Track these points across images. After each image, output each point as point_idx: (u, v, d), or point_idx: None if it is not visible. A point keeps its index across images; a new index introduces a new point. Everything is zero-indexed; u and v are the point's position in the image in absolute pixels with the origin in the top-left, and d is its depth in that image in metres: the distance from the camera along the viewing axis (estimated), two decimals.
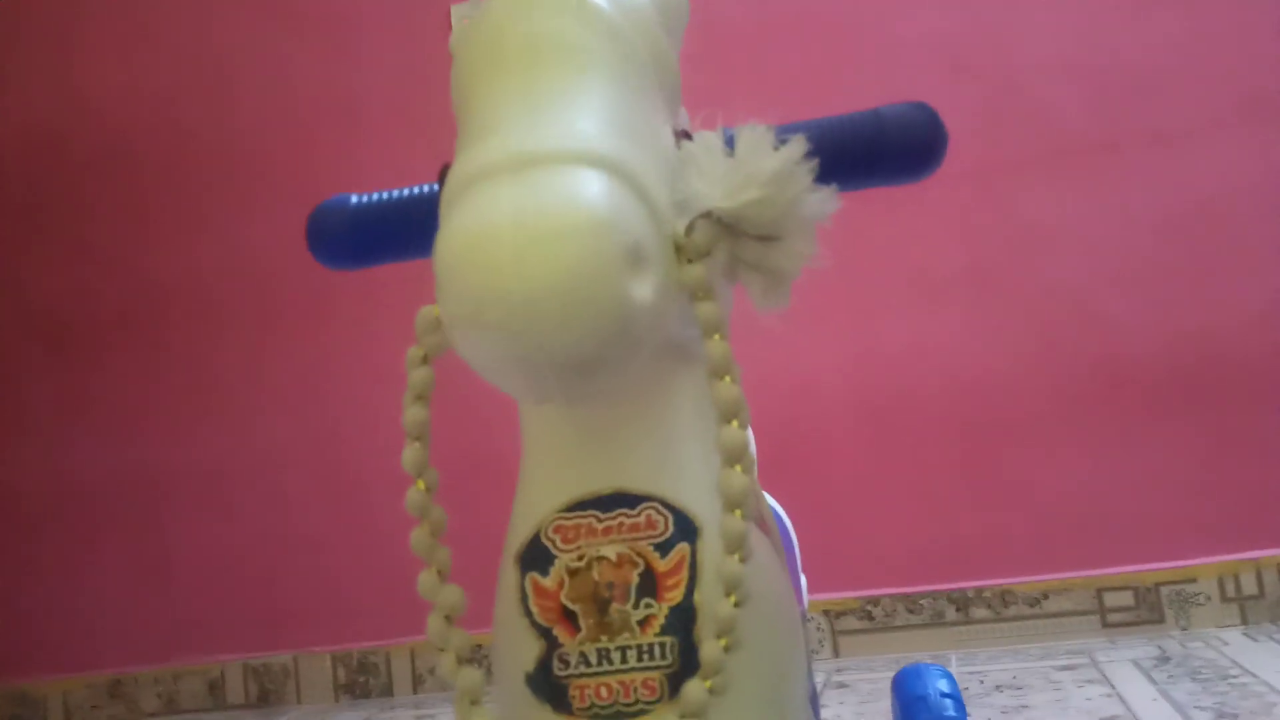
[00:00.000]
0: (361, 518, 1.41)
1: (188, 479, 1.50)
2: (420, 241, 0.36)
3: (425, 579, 0.27)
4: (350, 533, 1.42)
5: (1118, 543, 1.19)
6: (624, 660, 0.24)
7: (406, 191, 0.38)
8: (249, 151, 1.50)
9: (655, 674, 0.24)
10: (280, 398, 1.48)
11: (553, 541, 0.26)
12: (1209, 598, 1.16)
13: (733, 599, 0.24)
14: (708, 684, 0.23)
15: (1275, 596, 1.14)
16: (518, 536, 0.27)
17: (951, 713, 0.46)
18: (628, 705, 0.23)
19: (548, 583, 0.25)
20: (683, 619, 0.24)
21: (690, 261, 0.26)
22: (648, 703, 0.23)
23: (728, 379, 0.25)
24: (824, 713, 0.98)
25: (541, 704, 0.24)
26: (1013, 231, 1.25)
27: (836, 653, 1.25)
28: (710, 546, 0.25)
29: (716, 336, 0.26)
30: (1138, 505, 1.19)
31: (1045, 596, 1.20)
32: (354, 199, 0.39)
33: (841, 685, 1.11)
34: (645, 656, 0.24)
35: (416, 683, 1.38)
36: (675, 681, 0.24)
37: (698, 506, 0.26)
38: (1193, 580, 1.17)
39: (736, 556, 0.24)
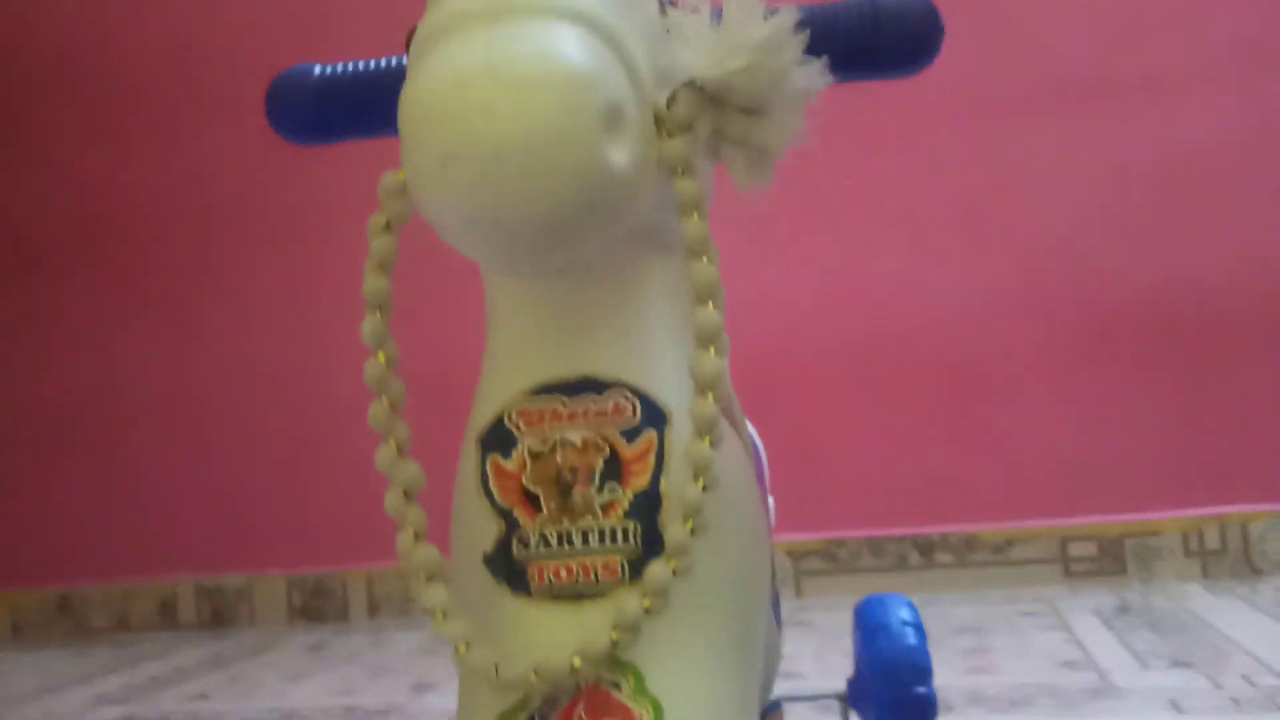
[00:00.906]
0: (323, 441, 1.39)
1: (150, 398, 1.47)
2: (391, 114, 0.34)
3: (376, 409, 0.26)
4: (311, 455, 1.40)
5: (1085, 493, 1.19)
6: (585, 543, 0.23)
7: (375, 63, 0.36)
8: (222, 61, 1.45)
9: (616, 557, 0.23)
10: (244, 319, 1.44)
11: (516, 425, 0.25)
12: (1172, 551, 1.16)
13: (701, 483, 0.23)
14: (672, 565, 0.22)
15: (1237, 552, 1.15)
16: (480, 418, 0.26)
17: (912, 641, 0.45)
18: (588, 586, 0.23)
19: (509, 465, 0.25)
20: (647, 505, 0.24)
21: (671, 135, 0.25)
22: (608, 583, 0.23)
23: (705, 259, 0.24)
24: (783, 648, 0.97)
25: (499, 584, 0.23)
26: (1003, 173, 1.23)
27: (799, 593, 1.25)
28: (679, 434, 0.25)
29: (695, 215, 0.25)
30: (1107, 456, 1.19)
31: (1010, 544, 1.20)
32: (317, 69, 0.37)
33: (803, 624, 1.10)
34: (607, 539, 0.23)
35: (373, 609, 1.36)
36: (636, 566, 0.23)
37: (667, 395, 0.25)
38: (1157, 533, 1.17)
39: (706, 441, 0.23)
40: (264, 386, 1.42)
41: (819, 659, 0.94)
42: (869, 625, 0.46)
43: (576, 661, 0.22)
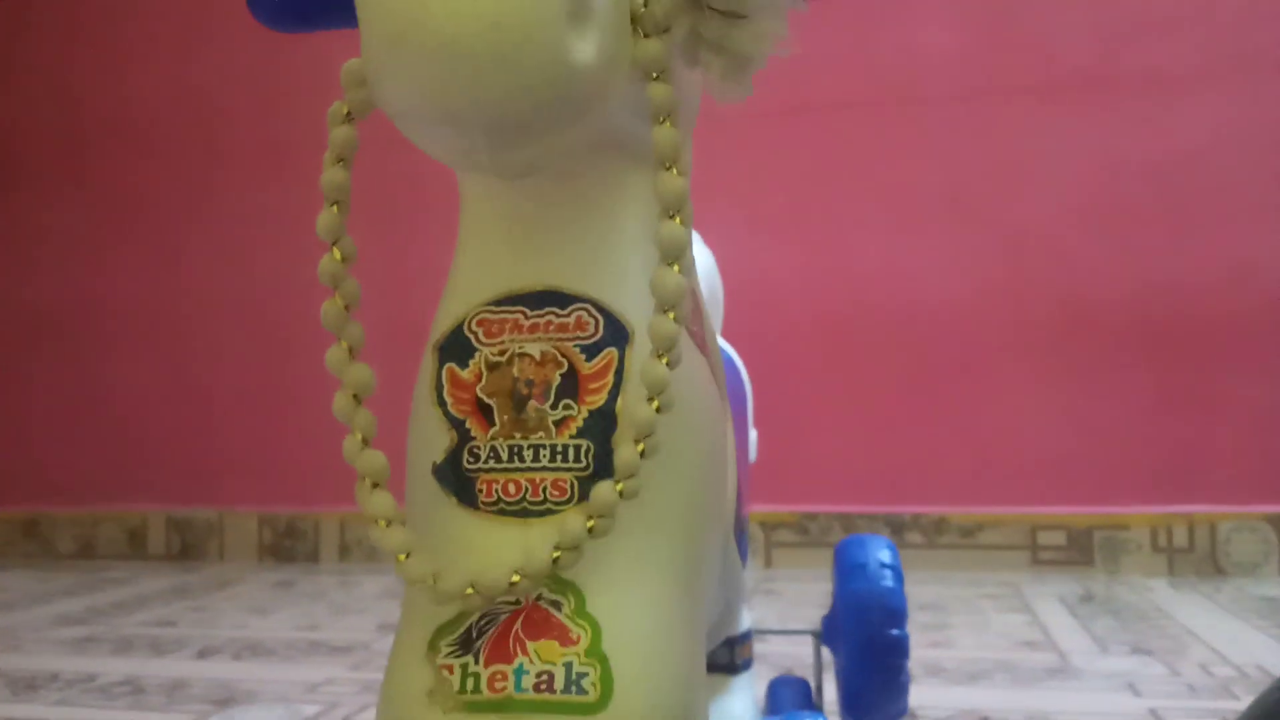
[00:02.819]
0: (304, 380, 1.38)
1: (123, 321, 1.45)
2: None
3: (328, 307, 0.25)
4: (288, 395, 1.39)
5: (1056, 483, 1.20)
6: (536, 459, 0.23)
7: None
8: None
9: (567, 475, 0.22)
10: (226, 247, 1.43)
11: (475, 334, 0.24)
12: (1139, 546, 1.17)
13: (655, 404, 0.22)
14: (619, 487, 0.22)
15: (1204, 551, 1.16)
16: (439, 327, 0.25)
17: (889, 583, 0.45)
18: (535, 504, 0.22)
19: (465, 374, 0.24)
20: (602, 424, 0.23)
21: (647, 36, 0.23)
22: (556, 503, 0.22)
23: (674, 169, 0.23)
24: (749, 615, 0.98)
25: (447, 495, 0.23)
26: (994, 161, 1.23)
27: (769, 563, 1.25)
28: (641, 354, 0.24)
29: (667, 122, 0.23)
30: (1081, 448, 1.19)
31: (979, 528, 1.21)
32: None
33: (770, 593, 1.11)
34: (559, 457, 0.22)
35: (343, 553, 1.36)
36: (586, 486, 0.22)
37: (633, 314, 0.24)
38: (1125, 528, 1.18)
39: (664, 360, 0.22)
40: (249, 319, 1.42)
41: (782, 625, 0.95)
42: (847, 564, 0.46)
43: (515, 578, 0.21)
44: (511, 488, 0.22)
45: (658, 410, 0.22)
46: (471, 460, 0.23)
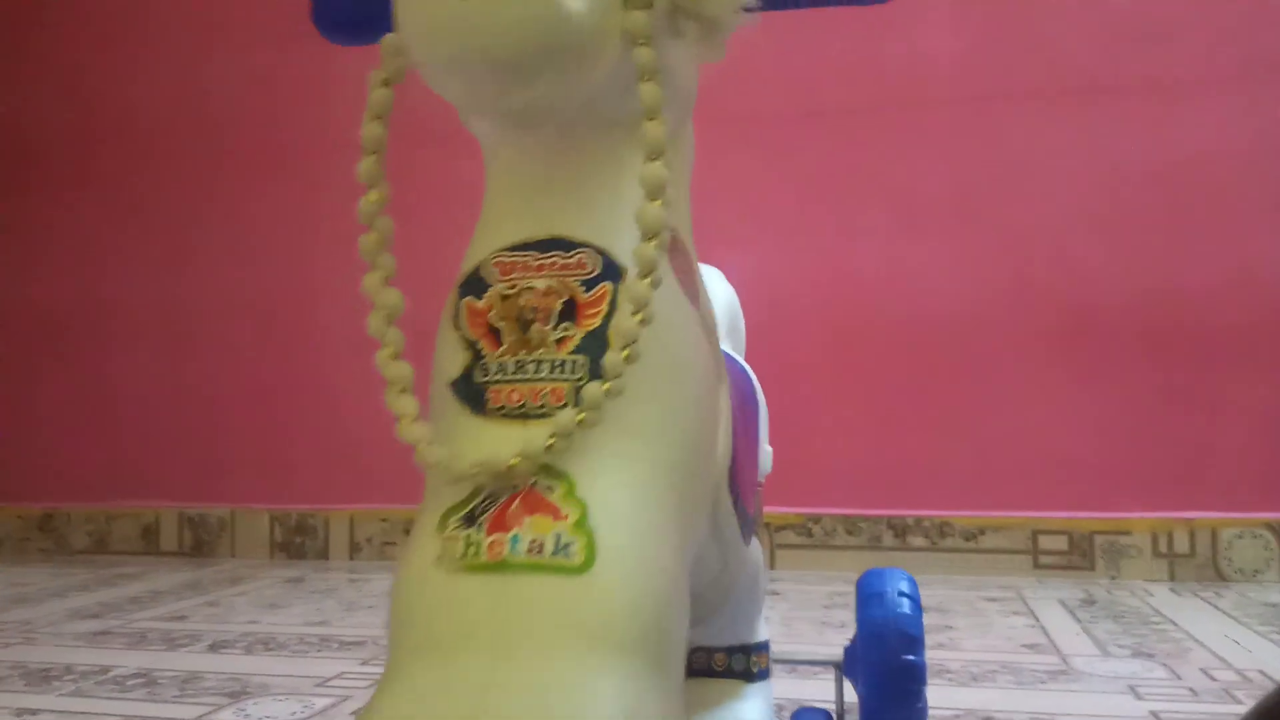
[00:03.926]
0: (311, 379, 1.40)
1: (137, 321, 1.47)
2: None
3: (365, 240, 0.29)
4: (298, 394, 1.41)
5: (1058, 488, 1.21)
6: (537, 371, 0.26)
7: None
8: None
9: (564, 385, 0.26)
10: (234, 247, 1.45)
11: (491, 274, 0.28)
12: (1140, 551, 1.18)
13: (638, 316, 0.26)
14: (606, 386, 0.25)
15: (1205, 558, 1.17)
16: (463, 270, 0.30)
17: (905, 610, 0.46)
18: (536, 408, 0.26)
19: (480, 304, 0.28)
20: (596, 343, 0.26)
21: (631, 8, 0.27)
22: (554, 407, 0.26)
23: (656, 121, 0.27)
24: (767, 628, 0.99)
25: (462, 406, 0.26)
26: (1000, 165, 1.24)
27: (773, 564, 1.26)
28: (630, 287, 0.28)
29: (651, 81, 0.27)
30: (1083, 452, 1.20)
31: (982, 532, 1.22)
32: None
33: (774, 593, 1.12)
34: (557, 370, 0.26)
35: (353, 550, 1.38)
36: (578, 395, 0.26)
37: (626, 258, 0.28)
38: (1127, 533, 1.19)
39: (646, 280, 0.26)
40: (257, 318, 1.43)
41: (787, 625, 0.96)
42: (866, 594, 0.47)
43: (515, 460, 0.24)
44: (515, 396, 0.26)
45: (640, 323, 0.26)
46: (482, 375, 0.26)
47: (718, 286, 0.49)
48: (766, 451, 0.49)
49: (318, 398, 1.39)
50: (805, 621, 0.97)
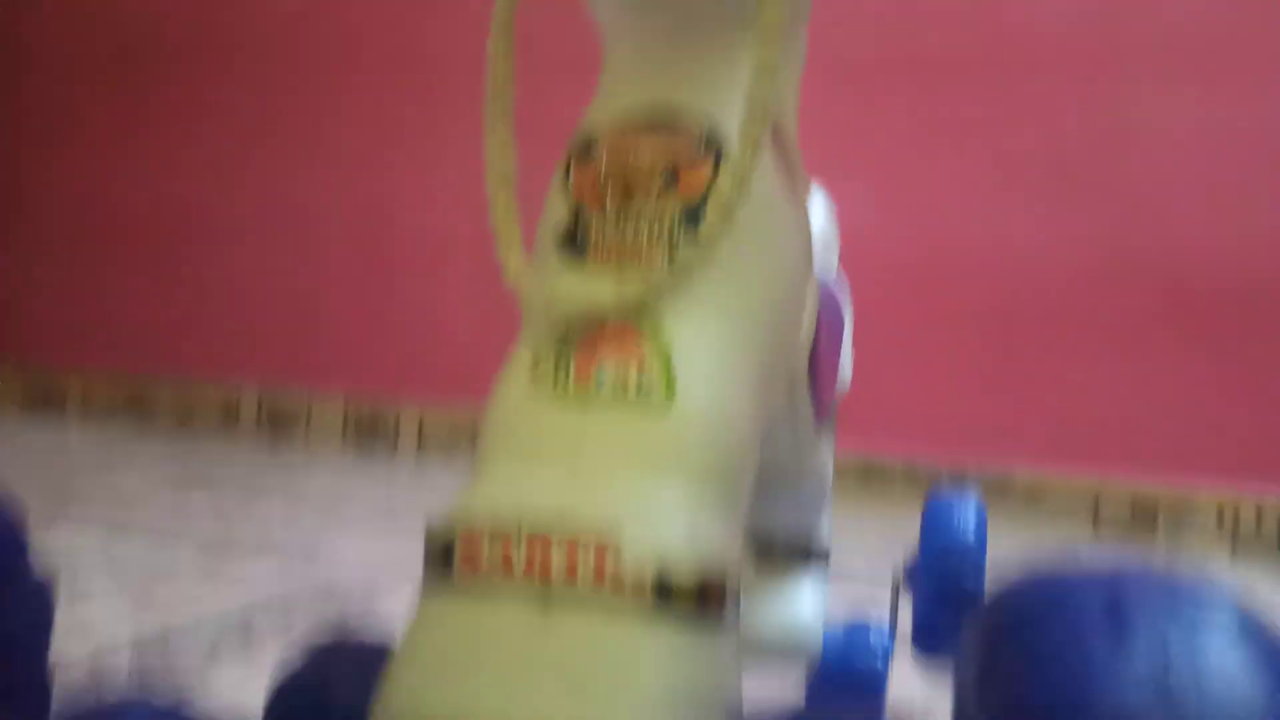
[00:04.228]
0: (401, 284, 1.43)
1: (246, 212, 1.52)
2: None
3: (489, 105, 0.30)
4: (387, 294, 1.44)
5: (1126, 451, 1.19)
6: (638, 229, 0.27)
7: None
8: None
9: (661, 244, 0.27)
10: (355, 150, 1.48)
11: (600, 140, 0.30)
12: (1205, 524, 1.17)
13: (738, 189, 0.27)
14: (701, 249, 0.26)
15: (1270, 537, 1.15)
16: (574, 137, 0.31)
17: (970, 540, 0.46)
18: (633, 263, 0.27)
19: (587, 168, 0.29)
20: (693, 212, 0.28)
21: None
22: (649, 264, 0.27)
23: (774, 5, 0.28)
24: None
25: (563, 256, 0.28)
26: (1108, 130, 1.21)
27: None
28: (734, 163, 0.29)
29: None
30: (1157, 419, 1.19)
31: (1043, 491, 1.21)
32: None
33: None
34: (656, 229, 0.27)
35: (421, 446, 1.42)
36: (674, 255, 0.27)
37: (733, 137, 0.29)
38: (1191, 504, 1.17)
39: (750, 156, 0.27)
40: (364, 220, 1.47)
41: (836, 558, 0.97)
42: (934, 518, 0.48)
43: (609, 306, 0.26)
44: (614, 250, 0.27)
45: (740, 195, 0.27)
46: (584, 229, 0.28)
47: (817, 197, 0.50)
48: (848, 357, 0.50)
49: (406, 300, 1.43)
50: (858, 555, 0.98)
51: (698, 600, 0.23)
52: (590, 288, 0.27)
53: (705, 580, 0.23)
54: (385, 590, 0.73)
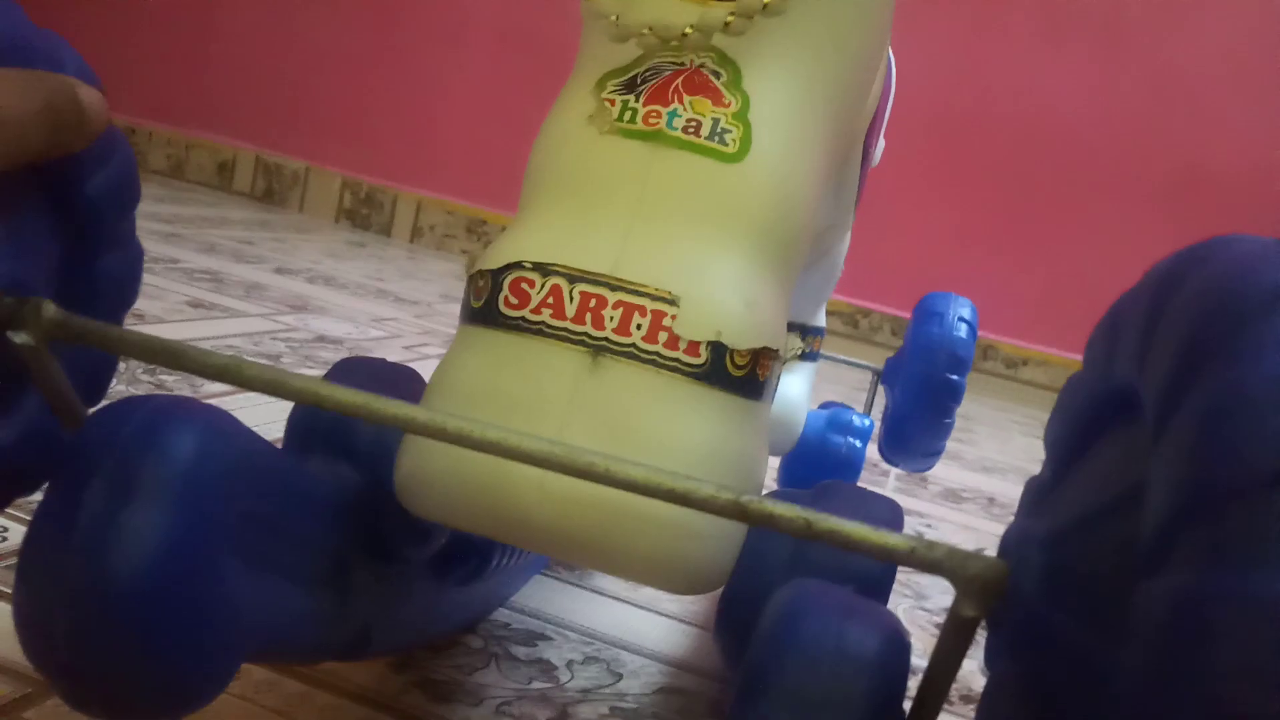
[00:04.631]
0: (408, 64, 1.38)
1: None
2: None
3: None
4: (393, 72, 1.40)
5: None
6: None
7: None
8: None
9: None
10: None
11: None
12: None
13: None
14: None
15: None
16: None
17: (962, 334, 0.46)
18: None
19: None
20: None
21: None
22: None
23: None
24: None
25: None
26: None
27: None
28: None
29: None
30: None
31: (1024, 362, 1.22)
32: None
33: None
34: None
35: (415, 233, 1.41)
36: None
37: None
38: None
39: None
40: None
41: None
42: (927, 311, 0.48)
43: (689, 29, 0.23)
44: None
45: None
46: None
47: None
48: (881, 144, 0.49)
49: (411, 82, 1.38)
50: (834, 394, 0.99)
51: (749, 369, 0.23)
52: (668, 9, 0.24)
53: (758, 350, 0.23)
54: (376, 348, 0.73)
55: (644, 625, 0.38)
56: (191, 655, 0.18)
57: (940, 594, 0.50)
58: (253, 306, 0.76)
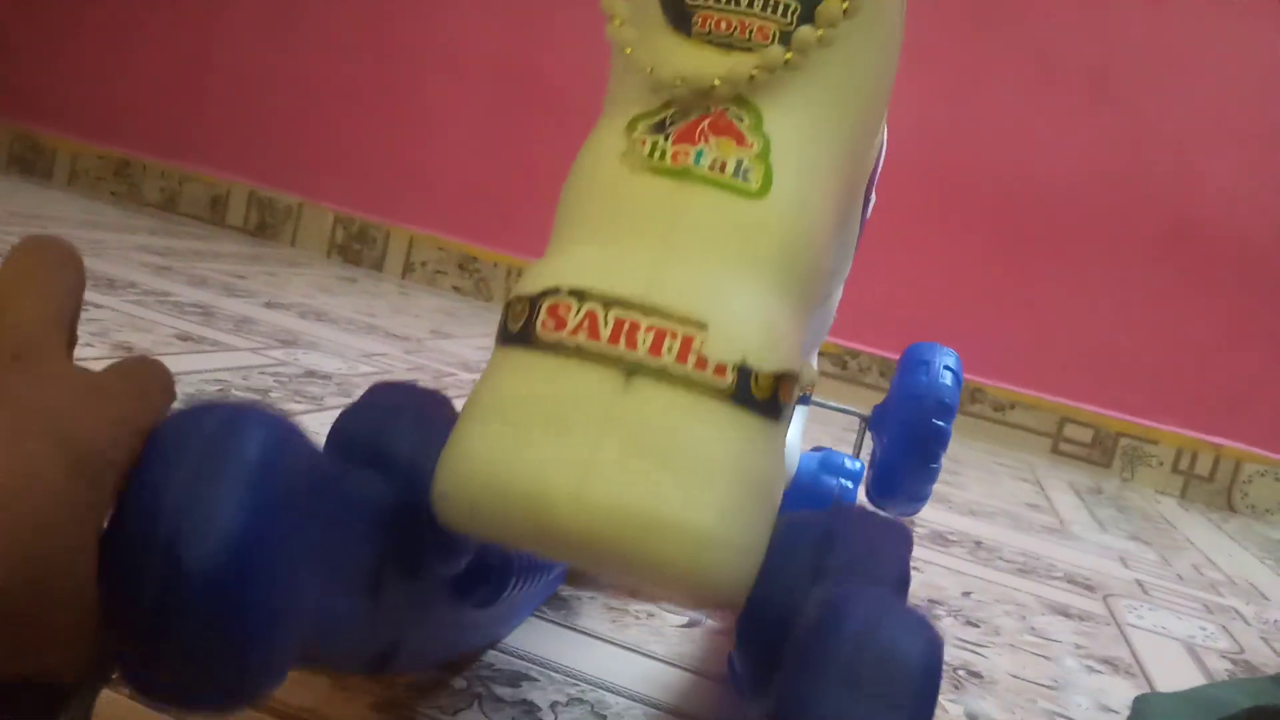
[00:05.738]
0: (404, 99, 1.40)
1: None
2: None
3: None
4: (389, 108, 1.41)
5: (1099, 382, 1.21)
6: (750, 5, 0.26)
7: None
8: None
9: (773, 24, 0.26)
10: None
11: None
12: (1161, 462, 1.19)
13: None
14: (819, 33, 0.26)
15: (1221, 486, 1.18)
16: None
17: (948, 382, 0.47)
18: (741, 40, 0.26)
19: None
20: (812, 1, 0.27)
21: None
22: (759, 43, 0.26)
23: None
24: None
25: (670, 26, 0.27)
26: (1149, 51, 1.18)
27: None
28: None
29: None
30: (1137, 356, 1.20)
31: (1012, 406, 1.23)
32: None
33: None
34: (769, 8, 0.26)
35: (406, 270, 1.41)
36: (786, 38, 0.26)
37: None
38: (1154, 442, 1.19)
39: None
40: (373, 24, 1.42)
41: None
42: (912, 361, 0.48)
43: (717, 81, 0.25)
44: (723, 25, 0.26)
45: None
46: (693, 1, 0.27)
47: None
48: (873, 199, 0.49)
49: (405, 119, 1.39)
50: (825, 438, 0.99)
51: (772, 392, 0.24)
52: (697, 62, 0.25)
53: (780, 374, 0.24)
54: (366, 384, 0.73)
55: (629, 667, 0.38)
56: (261, 642, 0.19)
57: None
58: (242, 341, 0.76)
